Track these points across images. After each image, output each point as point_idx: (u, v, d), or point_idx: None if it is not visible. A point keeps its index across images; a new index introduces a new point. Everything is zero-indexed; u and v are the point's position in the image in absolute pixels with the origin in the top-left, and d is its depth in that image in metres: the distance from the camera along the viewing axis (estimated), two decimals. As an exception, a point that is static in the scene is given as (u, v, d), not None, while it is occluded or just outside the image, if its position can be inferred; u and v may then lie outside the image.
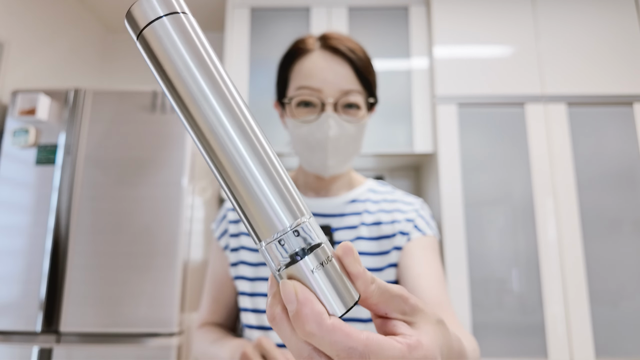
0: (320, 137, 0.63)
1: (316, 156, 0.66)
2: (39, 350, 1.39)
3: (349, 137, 0.65)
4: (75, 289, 1.44)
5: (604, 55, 1.78)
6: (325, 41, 0.65)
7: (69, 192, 1.52)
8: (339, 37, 0.65)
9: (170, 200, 1.51)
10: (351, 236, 0.69)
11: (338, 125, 0.63)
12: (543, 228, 1.64)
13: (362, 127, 0.66)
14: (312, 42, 0.66)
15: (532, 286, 1.61)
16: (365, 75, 0.64)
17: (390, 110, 1.89)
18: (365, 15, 1.98)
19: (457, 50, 1.83)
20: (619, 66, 1.76)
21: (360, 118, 0.65)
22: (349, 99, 0.63)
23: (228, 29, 1.99)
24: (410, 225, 0.68)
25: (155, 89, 1.58)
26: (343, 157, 0.67)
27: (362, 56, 0.65)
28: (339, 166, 0.68)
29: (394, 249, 0.67)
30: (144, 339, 1.42)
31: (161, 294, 1.43)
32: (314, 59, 0.64)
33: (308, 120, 0.64)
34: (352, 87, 0.63)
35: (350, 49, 0.64)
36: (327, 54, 0.64)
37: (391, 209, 0.71)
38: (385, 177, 2.28)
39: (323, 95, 0.63)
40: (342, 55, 0.63)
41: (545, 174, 1.69)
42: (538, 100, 1.75)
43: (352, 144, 0.66)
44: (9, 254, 1.47)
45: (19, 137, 1.55)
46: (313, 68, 0.63)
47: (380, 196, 0.74)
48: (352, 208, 0.71)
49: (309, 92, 0.63)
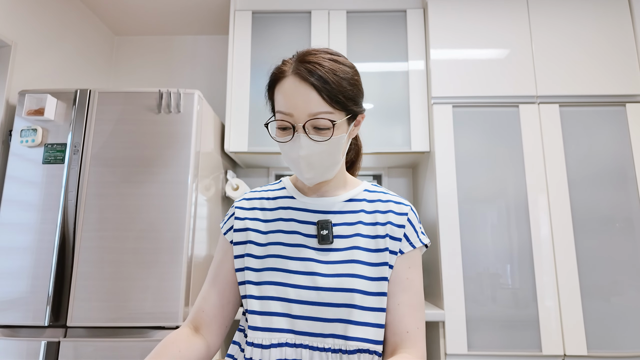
0: (294, 155, 0.71)
1: (296, 170, 0.74)
2: (46, 344, 1.43)
3: (322, 153, 0.71)
4: (82, 284, 1.48)
5: (597, 57, 1.83)
6: (297, 65, 0.69)
7: (76, 190, 1.56)
8: (311, 61, 0.69)
9: (174, 198, 1.55)
10: (350, 232, 0.75)
11: (309, 145, 0.69)
12: (536, 225, 1.69)
13: (335, 143, 0.71)
14: (288, 66, 0.71)
15: (526, 281, 1.66)
16: (333, 97, 0.68)
17: (388, 111, 1.94)
18: (364, 19, 2.03)
19: (453, 52, 1.88)
20: (612, 67, 1.81)
21: (331, 136, 0.70)
22: (317, 121, 0.68)
23: (230, 32, 2.04)
24: (401, 232, 0.75)
25: (160, 90, 1.62)
26: (320, 170, 0.73)
27: (331, 78, 0.68)
28: (319, 177, 0.74)
29: (388, 250, 0.73)
30: (149, 332, 1.46)
31: (166, 289, 1.48)
32: (286, 85, 0.70)
33: (284, 141, 0.71)
34: (320, 109, 0.68)
35: (318, 75, 0.67)
36: (297, 80, 0.68)
37: (385, 210, 0.77)
38: (384, 175, 2.32)
39: (293, 120, 0.69)
40: (308, 82, 0.67)
41: (538, 172, 1.74)
42: (532, 101, 1.81)
43: (328, 159, 0.72)
44: (17, 250, 1.51)
45: (26, 136, 1.59)
46: (285, 94, 0.70)
47: (375, 196, 0.80)
48: (350, 206, 0.78)
49: (282, 116, 0.70)
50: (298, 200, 0.80)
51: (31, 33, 1.87)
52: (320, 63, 0.69)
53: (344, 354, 0.67)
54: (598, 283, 1.64)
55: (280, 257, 0.73)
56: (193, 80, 2.49)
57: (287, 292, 0.70)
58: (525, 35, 1.87)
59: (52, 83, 1.99)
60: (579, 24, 1.86)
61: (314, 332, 0.68)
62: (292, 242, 0.75)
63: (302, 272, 0.71)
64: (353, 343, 0.67)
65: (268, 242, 0.76)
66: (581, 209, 1.70)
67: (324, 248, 0.73)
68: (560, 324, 1.61)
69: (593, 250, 1.66)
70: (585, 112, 1.79)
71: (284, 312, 0.69)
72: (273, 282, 0.71)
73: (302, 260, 0.72)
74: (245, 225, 0.79)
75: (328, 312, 0.68)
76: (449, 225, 1.71)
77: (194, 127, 1.61)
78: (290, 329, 0.69)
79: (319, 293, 0.69)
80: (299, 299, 0.69)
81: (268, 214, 0.80)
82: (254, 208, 0.81)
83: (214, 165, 1.88)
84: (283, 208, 0.80)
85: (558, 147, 1.75)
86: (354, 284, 0.69)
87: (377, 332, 0.69)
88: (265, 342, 0.69)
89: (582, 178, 1.73)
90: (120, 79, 2.52)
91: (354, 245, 0.73)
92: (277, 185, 0.86)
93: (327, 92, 0.68)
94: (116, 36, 2.56)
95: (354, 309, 0.68)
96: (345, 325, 0.68)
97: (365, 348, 0.67)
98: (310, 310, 0.69)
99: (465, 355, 1.60)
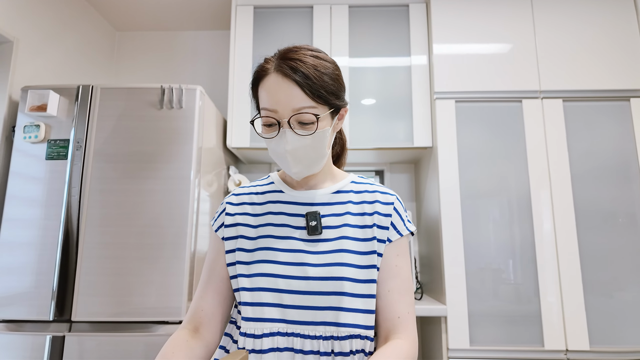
0: (280, 151, 0.73)
1: (283, 165, 0.76)
2: (51, 338, 1.44)
3: (307, 147, 0.73)
4: (86, 279, 1.49)
5: (601, 51, 1.82)
6: (279, 63, 0.72)
7: (79, 186, 1.56)
8: (292, 57, 0.71)
9: (177, 193, 1.55)
10: (338, 222, 0.77)
11: (295, 139, 0.72)
12: (539, 220, 1.69)
13: (319, 137, 0.73)
14: (270, 65, 0.73)
15: (529, 276, 1.66)
16: (315, 91, 0.70)
17: (391, 106, 1.93)
18: (366, 13, 2.02)
19: (456, 47, 1.87)
20: (616, 62, 1.80)
21: (315, 130, 0.72)
22: (301, 116, 0.71)
23: (232, 27, 2.03)
24: (388, 221, 0.78)
25: (162, 85, 1.62)
26: (307, 163, 0.75)
27: (312, 73, 0.70)
28: (305, 171, 0.76)
29: (376, 239, 0.76)
30: (152, 327, 1.47)
31: (169, 284, 1.48)
32: (269, 82, 0.72)
33: (270, 137, 0.74)
34: (303, 104, 0.70)
35: (300, 72, 0.70)
36: (279, 77, 0.71)
37: (372, 200, 0.80)
38: (386, 170, 2.32)
39: (278, 116, 0.71)
40: (290, 78, 0.70)
41: (541, 167, 1.73)
42: (535, 96, 1.80)
43: (313, 152, 0.74)
44: (22, 246, 1.52)
45: (29, 132, 1.60)
46: (268, 91, 0.72)
47: (361, 187, 0.83)
48: (337, 198, 0.80)
49: (267, 112, 0.72)
50: (287, 193, 0.82)
51: (33, 29, 1.87)
52: (302, 59, 0.71)
53: (335, 340, 0.69)
54: (601, 278, 1.64)
55: (270, 249, 0.75)
56: (195, 76, 2.49)
57: (277, 283, 0.72)
58: (529, 30, 1.86)
59: (55, 79, 2.00)
60: (583, 18, 1.85)
61: (305, 321, 0.70)
62: (281, 235, 0.77)
63: (292, 263, 0.73)
64: (345, 329, 0.69)
65: (258, 235, 0.78)
66: (584, 204, 1.69)
67: (313, 239, 0.75)
68: (562, 319, 1.61)
69: (596, 245, 1.66)
70: (588, 107, 1.78)
71: (275, 302, 0.71)
72: (263, 273, 0.73)
73: (292, 252, 0.74)
74: (236, 221, 0.81)
75: (319, 301, 0.70)
76: (451, 221, 1.71)
77: (196, 123, 1.61)
78: (281, 318, 0.71)
79: (309, 282, 0.71)
80: (290, 288, 0.71)
81: (257, 208, 0.82)
82: (243, 203, 0.83)
83: (216, 161, 1.88)
84: (272, 202, 0.82)
85: (561, 142, 1.74)
86: (344, 272, 0.71)
87: (367, 317, 0.71)
88: (257, 331, 0.71)
89: (585, 173, 1.72)
90: (122, 75, 2.52)
91: (343, 235, 0.75)
92: (265, 180, 0.88)
93: (309, 87, 0.70)
94: (117, 32, 2.56)
95: (344, 297, 0.70)
96: (336, 313, 0.70)
97: (357, 333, 0.70)
98: (301, 300, 0.71)
99: (468, 350, 1.60)
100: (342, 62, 1.97)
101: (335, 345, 0.69)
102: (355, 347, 0.70)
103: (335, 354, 0.69)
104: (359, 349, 0.70)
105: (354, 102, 1.95)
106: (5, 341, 1.45)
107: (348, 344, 0.69)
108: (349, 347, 0.69)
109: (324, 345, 0.69)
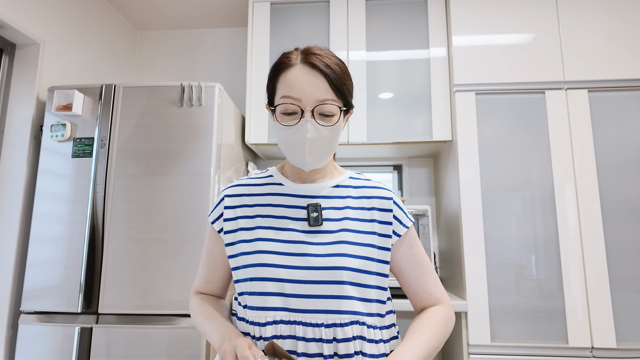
0: (300, 139, 0.76)
1: (297, 155, 0.78)
2: (80, 329, 1.50)
3: (325, 138, 0.77)
4: (112, 273, 1.54)
5: (626, 40, 1.75)
6: (306, 56, 0.76)
7: (104, 182, 1.61)
8: (318, 53, 0.77)
9: (197, 189, 1.58)
10: (339, 215, 0.80)
11: (315, 129, 0.75)
12: (563, 214, 1.64)
13: (336, 130, 0.78)
14: (295, 57, 0.77)
15: (552, 272, 1.62)
16: (339, 87, 0.76)
17: (409, 100, 1.91)
18: (384, 7, 2.00)
19: (476, 38, 1.83)
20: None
21: (335, 122, 0.77)
22: (324, 107, 0.75)
23: (249, 24, 2.04)
24: (390, 216, 0.81)
25: (182, 83, 1.65)
26: (320, 155, 0.78)
27: (337, 70, 0.76)
28: (317, 162, 0.79)
29: (376, 234, 0.80)
30: (175, 319, 1.51)
31: (190, 278, 1.52)
32: (295, 72, 0.75)
33: (290, 124, 0.76)
34: (327, 96, 0.75)
35: (326, 65, 0.75)
36: (306, 68, 0.75)
37: (371, 195, 0.83)
38: (404, 165, 2.30)
39: (302, 104, 0.74)
40: (318, 70, 0.74)
41: (565, 160, 1.68)
42: (559, 87, 1.74)
43: (328, 144, 0.78)
44: (51, 240, 1.58)
45: (56, 131, 1.65)
46: (294, 80, 0.75)
47: (360, 182, 0.86)
48: (337, 192, 0.83)
49: (291, 100, 0.75)
50: (286, 186, 0.84)
51: (58, 31, 1.92)
52: (327, 56, 0.77)
53: (337, 327, 0.72)
54: (628, 274, 1.59)
55: (272, 240, 0.77)
56: (213, 73, 2.52)
57: (279, 273, 0.74)
58: (552, 19, 1.80)
59: (79, 79, 2.05)
60: (608, 5, 1.78)
61: (307, 309, 0.73)
62: (282, 227, 0.79)
63: (294, 254, 0.75)
64: (345, 316, 0.72)
65: (257, 226, 0.80)
66: (610, 198, 1.64)
67: (314, 230, 0.78)
68: (587, 315, 1.57)
69: (623, 240, 1.61)
70: (615, 97, 1.72)
71: (278, 291, 0.74)
72: (265, 264, 0.75)
73: (293, 243, 0.77)
74: (235, 214, 0.83)
75: (320, 290, 0.73)
76: (471, 216, 1.68)
77: (215, 120, 1.64)
78: (284, 307, 0.73)
79: (311, 272, 0.73)
80: (292, 278, 0.74)
81: (257, 199, 0.84)
82: (242, 195, 0.85)
83: (235, 157, 1.91)
84: (272, 194, 0.84)
85: (587, 134, 1.69)
86: (345, 263, 0.74)
87: (365, 305, 0.75)
88: (261, 320, 0.74)
89: (612, 166, 1.66)
90: (143, 73, 2.57)
91: (343, 227, 0.78)
92: (264, 174, 0.90)
93: (335, 81, 0.75)
94: (138, 31, 2.61)
95: (345, 285, 0.73)
96: (338, 301, 0.73)
97: (356, 320, 0.73)
98: (302, 289, 0.73)
99: (489, 345, 1.59)
100: (359, 56, 1.95)
101: (337, 332, 0.72)
102: (354, 333, 0.73)
103: (337, 340, 0.72)
104: (357, 334, 0.73)
105: (372, 96, 1.94)
106: (37, 332, 1.52)
107: (349, 330, 0.72)
108: (350, 333, 0.72)
109: (326, 333, 0.72)
